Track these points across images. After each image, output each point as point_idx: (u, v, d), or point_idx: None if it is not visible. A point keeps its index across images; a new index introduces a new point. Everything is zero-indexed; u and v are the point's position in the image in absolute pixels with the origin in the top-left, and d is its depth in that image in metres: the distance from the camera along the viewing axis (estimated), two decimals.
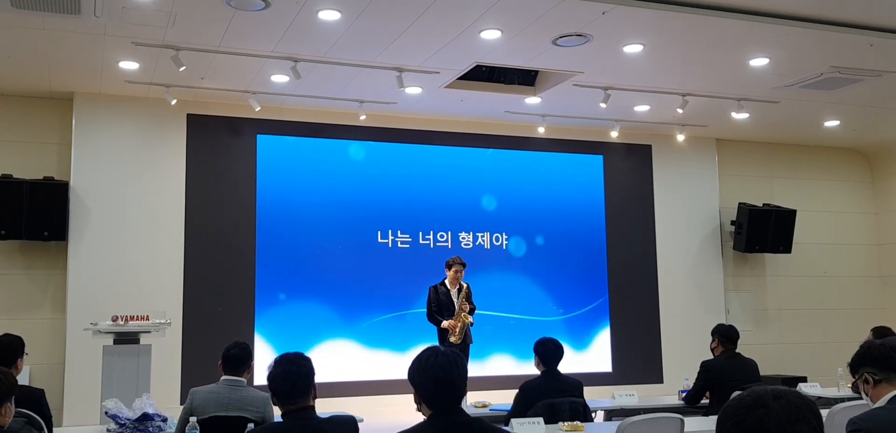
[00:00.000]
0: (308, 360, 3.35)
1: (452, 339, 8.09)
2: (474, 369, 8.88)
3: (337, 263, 9.60)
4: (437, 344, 2.92)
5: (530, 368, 5.81)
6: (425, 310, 8.37)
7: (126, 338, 7.15)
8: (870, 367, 3.19)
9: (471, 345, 8.30)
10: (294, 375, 3.26)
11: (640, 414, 4.92)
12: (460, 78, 8.43)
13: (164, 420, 5.06)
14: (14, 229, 8.31)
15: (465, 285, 8.28)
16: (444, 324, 8.14)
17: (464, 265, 8.35)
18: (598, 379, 9.87)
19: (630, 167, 10.97)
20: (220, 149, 9.29)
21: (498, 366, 9.83)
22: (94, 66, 7.84)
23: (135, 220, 8.83)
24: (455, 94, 8.89)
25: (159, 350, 7.70)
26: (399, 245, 9.88)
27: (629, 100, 9.24)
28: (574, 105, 9.38)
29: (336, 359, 9.41)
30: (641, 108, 9.65)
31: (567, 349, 5.71)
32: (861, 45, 7.43)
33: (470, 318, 8.21)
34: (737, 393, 1.74)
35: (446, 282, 8.33)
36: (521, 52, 7.65)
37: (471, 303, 8.31)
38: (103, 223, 8.71)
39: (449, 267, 8.35)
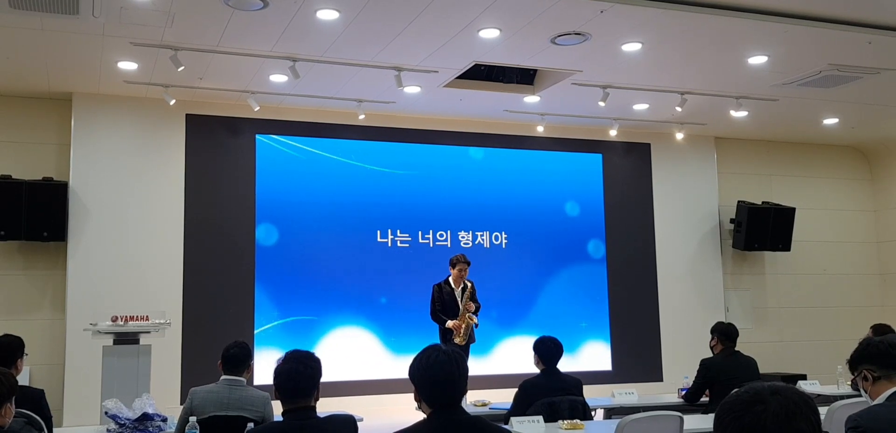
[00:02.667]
0: (317, 361, 3.33)
1: (457, 340, 7.96)
2: (477, 367, 8.86)
3: (336, 263, 9.60)
4: (438, 342, 2.92)
5: (530, 366, 5.81)
6: (429, 307, 8.28)
7: (126, 339, 7.15)
8: (869, 364, 3.19)
9: (472, 344, 8.25)
10: (299, 375, 3.25)
11: (639, 412, 4.93)
12: (459, 77, 8.44)
13: (164, 420, 5.07)
14: (13, 230, 8.31)
15: (469, 284, 8.21)
16: (449, 324, 8.05)
17: (468, 263, 8.23)
18: (597, 377, 9.87)
19: (629, 166, 10.98)
20: (219, 149, 9.29)
21: (497, 365, 9.83)
22: (92, 66, 7.84)
23: (134, 221, 8.84)
24: (454, 93, 8.89)
25: (159, 350, 7.70)
26: (398, 244, 9.89)
27: (628, 98, 9.24)
28: (573, 104, 9.38)
29: (336, 358, 9.41)
30: (640, 107, 9.65)
31: (566, 348, 5.71)
32: (859, 42, 7.43)
33: (475, 319, 8.12)
34: (735, 390, 1.74)
35: (450, 280, 8.25)
36: (520, 51, 7.65)
37: (475, 301, 8.22)
38: (103, 223, 8.71)
39: (453, 265, 8.24)
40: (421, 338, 9.18)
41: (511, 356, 9.96)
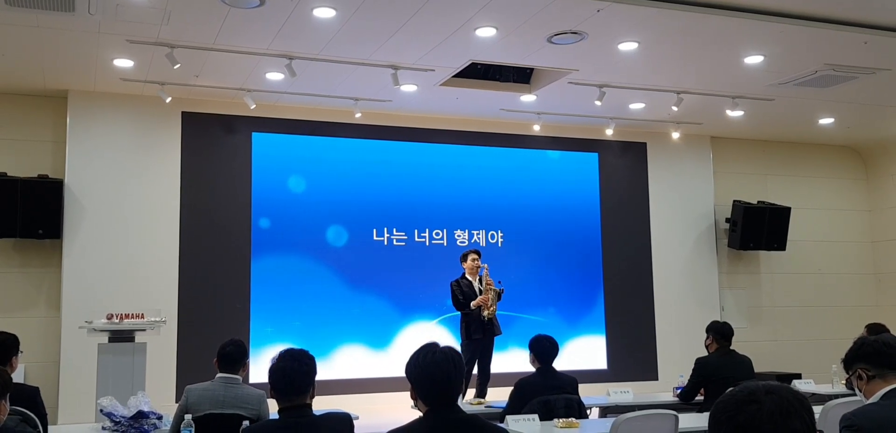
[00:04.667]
0: (311, 359, 3.34)
1: (486, 313, 8.09)
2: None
3: (332, 261, 9.60)
4: (434, 341, 2.91)
5: (525, 365, 5.82)
6: (451, 301, 8.33)
7: (121, 336, 7.14)
8: (863, 364, 3.20)
9: (498, 336, 8.33)
10: (294, 372, 3.25)
11: (634, 410, 4.94)
12: (455, 75, 8.43)
13: (159, 417, 5.07)
14: (8, 227, 8.29)
15: (485, 267, 8.31)
16: (475, 301, 8.14)
17: (479, 253, 8.41)
18: (593, 375, 9.88)
19: (625, 165, 10.99)
20: (215, 147, 9.28)
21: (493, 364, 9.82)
22: (88, 63, 7.83)
23: (130, 218, 8.82)
24: (450, 91, 8.88)
25: (154, 348, 7.69)
26: (394, 242, 9.88)
27: (624, 97, 9.25)
28: (569, 103, 9.38)
29: (331, 357, 9.41)
30: (636, 106, 9.66)
31: (562, 346, 5.72)
32: (855, 42, 7.45)
33: (500, 288, 8.26)
34: (730, 389, 1.75)
35: (466, 274, 8.34)
36: (516, 50, 7.65)
37: (493, 285, 8.33)
38: (98, 221, 8.70)
39: (464, 259, 8.38)
40: (418, 336, 9.20)
41: (506, 355, 9.94)
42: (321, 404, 3.49)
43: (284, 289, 9.39)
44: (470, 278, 8.32)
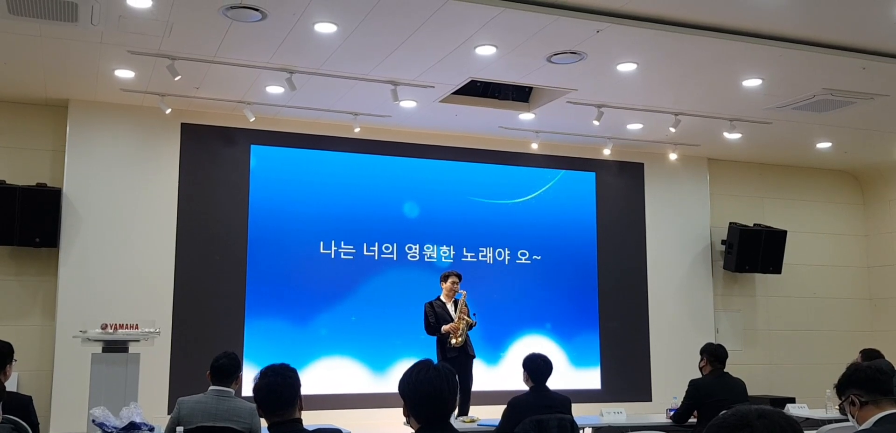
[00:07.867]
0: (293, 372, 3.34)
1: (454, 341, 7.96)
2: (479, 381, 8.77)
3: (330, 275, 9.59)
4: (431, 358, 2.91)
5: (518, 383, 5.81)
6: (423, 324, 8.23)
7: (115, 347, 7.11)
8: (856, 389, 3.20)
9: (473, 357, 8.23)
10: (279, 387, 3.25)
11: (627, 431, 4.93)
12: (455, 92, 8.46)
13: (151, 429, 5.06)
14: (6, 235, 8.28)
15: (463, 294, 8.21)
16: (445, 327, 8.04)
17: (459, 277, 8.26)
18: (586, 395, 9.86)
19: (622, 185, 11.00)
20: (213, 158, 9.28)
21: (485, 381, 9.80)
22: (89, 73, 7.84)
23: (127, 229, 8.81)
24: (449, 108, 8.91)
25: (148, 359, 7.66)
26: (393, 258, 9.88)
27: (622, 118, 9.27)
28: (567, 122, 9.41)
29: (328, 371, 9.39)
30: (634, 127, 9.69)
31: (556, 365, 5.71)
32: (854, 67, 7.48)
33: (472, 320, 8.14)
34: (722, 412, 1.76)
35: (442, 296, 8.26)
36: (516, 69, 7.68)
37: (468, 314, 8.21)
38: (95, 231, 8.69)
39: (444, 279, 8.25)
40: (415, 352, 9.19)
41: (500, 372, 9.94)
42: (315, 419, 3.49)
43: (280, 303, 9.37)
44: (445, 300, 8.22)
